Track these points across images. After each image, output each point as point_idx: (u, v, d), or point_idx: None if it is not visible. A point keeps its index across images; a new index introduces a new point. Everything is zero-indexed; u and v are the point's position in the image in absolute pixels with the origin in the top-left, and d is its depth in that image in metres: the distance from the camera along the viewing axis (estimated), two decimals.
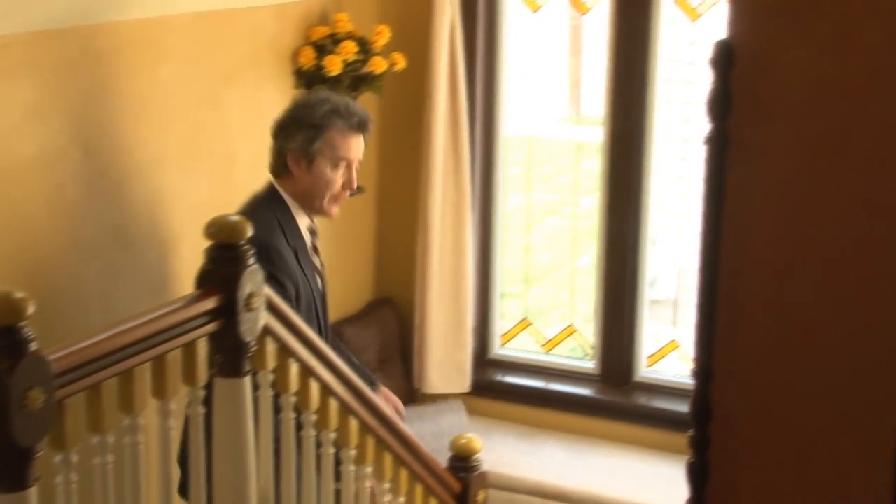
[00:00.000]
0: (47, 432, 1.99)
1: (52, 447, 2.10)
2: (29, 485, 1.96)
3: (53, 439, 2.08)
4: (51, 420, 1.99)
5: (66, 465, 2.14)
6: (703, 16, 4.85)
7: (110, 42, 3.76)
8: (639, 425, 5.06)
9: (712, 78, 2.04)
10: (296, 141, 3.64)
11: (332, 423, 3.02)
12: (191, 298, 2.43)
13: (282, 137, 3.68)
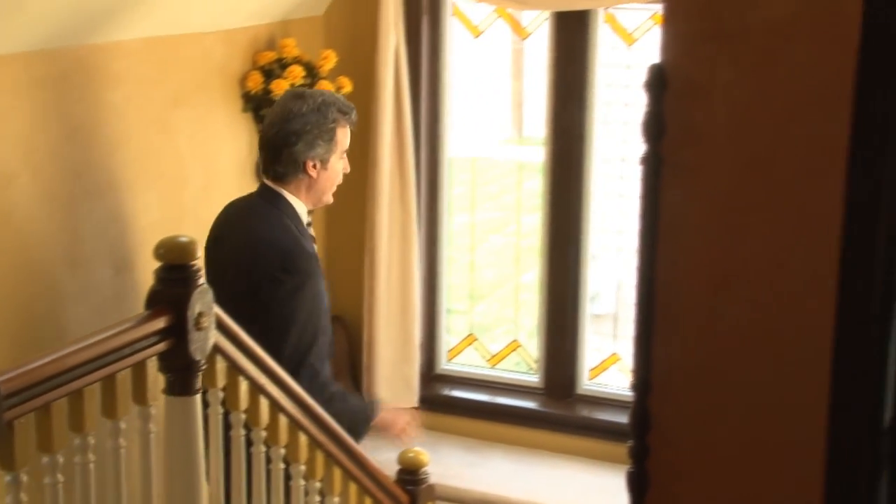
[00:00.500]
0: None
1: (2, 467, 2.08)
2: None
3: (2, 459, 2.07)
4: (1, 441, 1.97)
5: (16, 485, 2.12)
6: (638, 41, 4.88)
7: (59, 67, 3.74)
8: (581, 436, 5.07)
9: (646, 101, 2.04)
10: (318, 148, 3.65)
11: (281, 439, 3.01)
12: (140, 318, 2.43)
13: (301, 146, 3.62)
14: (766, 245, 1.99)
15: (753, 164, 1.96)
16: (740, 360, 2.07)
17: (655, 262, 2.09)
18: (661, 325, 2.11)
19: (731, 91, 1.94)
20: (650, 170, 2.06)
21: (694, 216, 2.05)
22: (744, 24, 1.91)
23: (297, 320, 3.57)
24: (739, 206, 1.99)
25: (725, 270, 2.04)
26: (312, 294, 3.63)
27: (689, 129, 2.01)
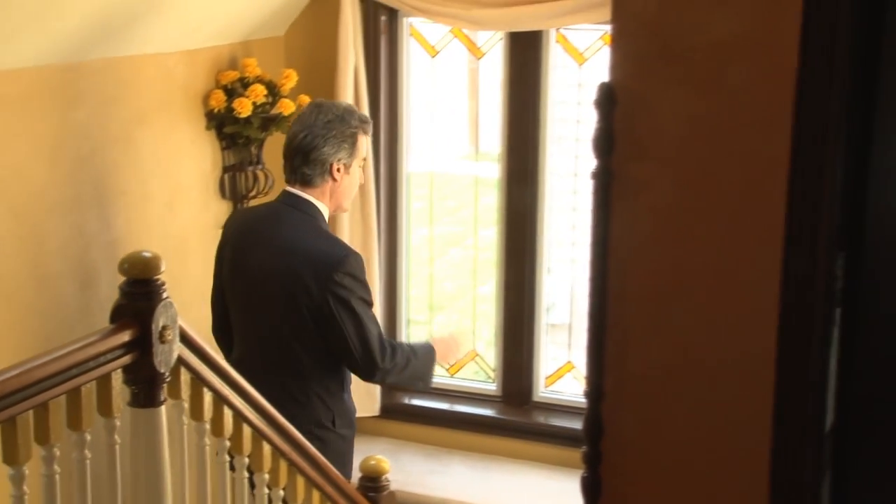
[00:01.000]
0: None
1: None
2: None
3: None
4: None
5: None
6: (588, 60, 4.91)
7: (23, 87, 3.72)
8: (538, 442, 5.08)
9: (597, 117, 2.05)
10: (343, 151, 3.75)
11: (245, 448, 3.00)
12: (105, 332, 2.42)
13: (328, 148, 3.73)
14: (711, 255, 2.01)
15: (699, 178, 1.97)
16: (688, 368, 2.09)
17: (606, 274, 2.10)
18: (613, 334, 2.12)
19: (677, 108, 1.96)
20: (601, 184, 2.07)
21: (642, 228, 2.06)
22: (688, 45, 1.93)
23: (366, 312, 3.72)
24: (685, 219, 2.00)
25: (673, 280, 2.05)
26: (363, 289, 3.74)
27: (638, 144, 2.02)
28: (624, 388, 2.13)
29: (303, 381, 3.76)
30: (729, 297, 2.00)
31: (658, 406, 2.13)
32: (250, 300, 3.82)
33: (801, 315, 1.97)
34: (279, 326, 3.71)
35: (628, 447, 2.16)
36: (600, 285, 2.11)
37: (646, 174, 2.02)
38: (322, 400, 3.79)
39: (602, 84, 2.03)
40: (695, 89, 1.95)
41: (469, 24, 4.88)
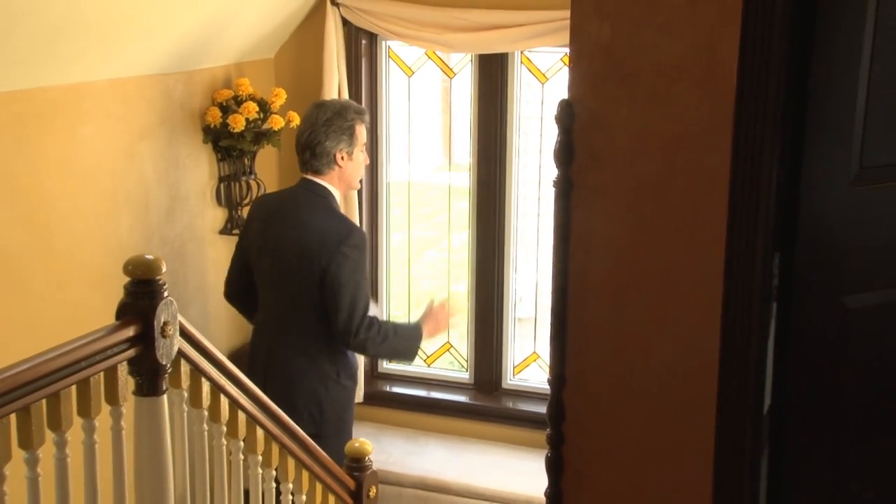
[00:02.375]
0: None
1: None
2: None
3: None
4: None
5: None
6: (550, 79, 4.92)
7: (34, 106, 3.70)
8: (507, 426, 5.08)
9: (557, 131, 2.06)
10: (343, 142, 3.99)
11: (241, 433, 3.00)
12: (112, 328, 2.40)
13: (329, 144, 3.97)
14: (660, 256, 2.02)
15: (649, 185, 1.98)
16: (640, 357, 2.10)
17: (567, 273, 2.11)
18: (573, 328, 2.13)
19: (629, 123, 1.97)
20: (561, 191, 2.08)
21: (599, 232, 2.07)
22: (638, 66, 1.94)
23: (361, 285, 3.97)
24: (637, 223, 2.01)
25: (626, 278, 2.06)
26: (364, 264, 4.01)
27: (594, 155, 2.03)
28: (583, 376, 2.14)
29: (312, 340, 4.01)
30: (677, 293, 2.02)
31: (614, 392, 2.14)
32: (271, 270, 4.06)
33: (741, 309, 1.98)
34: (293, 292, 3.98)
35: (587, 429, 2.17)
36: (562, 283, 2.12)
37: (601, 183, 2.03)
38: (328, 356, 4.02)
39: (562, 101, 2.04)
40: (643, 106, 1.96)
41: (442, 46, 4.89)
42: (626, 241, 2.04)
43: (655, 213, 2.00)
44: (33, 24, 3.41)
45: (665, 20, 1.91)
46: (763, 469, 2.13)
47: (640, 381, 2.11)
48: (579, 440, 2.18)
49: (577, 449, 2.18)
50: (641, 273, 2.04)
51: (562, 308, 2.13)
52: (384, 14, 4.83)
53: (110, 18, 3.75)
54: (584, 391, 2.16)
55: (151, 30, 4.05)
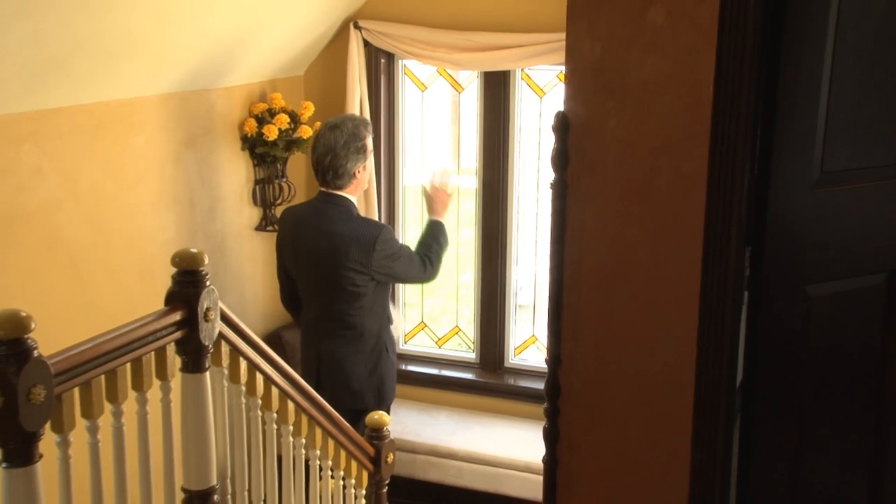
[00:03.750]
0: (48, 420, 1.96)
1: (53, 430, 2.07)
2: (35, 461, 1.94)
3: (53, 424, 2.06)
4: (50, 410, 1.96)
5: (64, 444, 2.11)
6: (547, 94, 4.92)
7: (94, 118, 3.72)
8: (508, 400, 5.09)
9: (554, 140, 2.06)
10: (360, 160, 4.00)
11: (274, 406, 3.00)
12: (161, 313, 2.41)
13: (351, 163, 3.98)
14: (646, 250, 2.01)
15: (635, 187, 1.98)
16: (626, 340, 2.09)
17: (562, 265, 2.10)
18: (568, 314, 2.12)
19: (617, 132, 1.96)
20: (557, 193, 2.07)
21: (590, 228, 2.06)
22: (626, 82, 1.93)
23: (407, 256, 4.10)
24: (624, 220, 2.01)
25: (615, 270, 2.06)
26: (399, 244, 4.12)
27: (586, 161, 2.02)
28: (576, 356, 2.14)
29: (359, 329, 4.05)
30: (660, 283, 2.01)
31: (604, 371, 2.13)
32: (309, 275, 4.09)
33: (716, 297, 1.97)
34: (335, 293, 4.00)
35: (580, 404, 2.16)
36: (558, 274, 2.11)
37: (593, 185, 2.02)
38: (374, 339, 4.10)
39: (558, 112, 2.04)
40: (630, 117, 1.95)
41: (452, 65, 4.89)
42: (614, 237, 2.03)
43: (641, 211, 1.99)
44: (94, 47, 3.43)
45: (649, 41, 1.91)
46: (735, 436, 2.13)
47: (626, 360, 2.10)
48: (573, 413, 2.17)
49: (570, 421, 2.17)
50: (628, 265, 2.03)
51: (558, 296, 2.12)
52: (401, 36, 4.84)
53: (159, 42, 3.77)
54: (577, 370, 2.15)
55: (195, 51, 4.06)
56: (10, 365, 1.85)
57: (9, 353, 1.86)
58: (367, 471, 3.63)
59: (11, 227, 3.39)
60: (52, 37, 3.21)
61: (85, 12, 3.24)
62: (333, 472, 3.42)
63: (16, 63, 3.18)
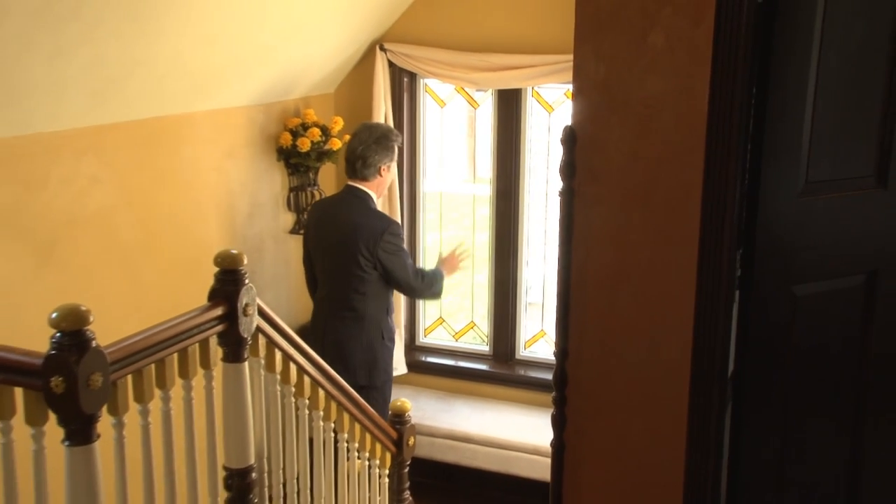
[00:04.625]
0: (104, 403, 1.98)
1: (109, 413, 2.08)
2: (93, 440, 1.95)
3: (109, 408, 2.07)
4: (107, 395, 1.97)
5: (119, 425, 2.12)
6: (555, 109, 4.92)
7: (147, 132, 3.74)
8: (519, 389, 5.08)
9: (562, 151, 2.06)
10: (387, 158, 4.12)
11: (306, 393, 3.01)
12: (204, 308, 2.41)
13: (379, 157, 4.09)
14: (646, 252, 2.02)
15: (636, 195, 1.98)
16: (628, 334, 2.09)
17: (570, 266, 2.11)
18: (574, 310, 2.13)
19: (620, 145, 1.97)
20: (565, 200, 2.07)
21: (595, 232, 2.06)
22: (628, 99, 1.94)
23: (405, 258, 4.12)
24: (626, 225, 2.01)
25: (617, 270, 2.06)
26: (402, 244, 4.14)
27: (592, 171, 2.02)
28: (582, 349, 2.14)
29: (360, 312, 4.10)
30: (659, 282, 2.01)
31: (607, 362, 2.13)
32: (325, 259, 4.18)
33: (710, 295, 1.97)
34: (343, 276, 4.09)
35: (585, 393, 2.16)
36: (566, 274, 2.11)
37: (598, 193, 2.02)
38: (375, 324, 4.14)
39: (566, 127, 2.04)
40: (632, 131, 1.95)
41: (468, 83, 4.89)
42: (617, 240, 2.03)
43: (641, 217, 1.99)
44: (148, 69, 3.45)
45: (650, 62, 1.91)
46: (727, 420, 2.13)
47: (628, 353, 2.10)
48: (578, 401, 2.17)
49: (576, 408, 2.17)
50: (630, 266, 2.03)
51: (565, 295, 2.13)
52: (422, 58, 4.84)
53: (206, 64, 3.79)
54: (583, 362, 2.15)
55: (237, 72, 4.08)
56: (72, 354, 1.86)
57: (70, 343, 1.87)
58: (391, 452, 3.63)
59: (72, 230, 3.41)
60: (112, 60, 3.23)
61: (141, 38, 3.26)
62: (360, 454, 3.42)
63: (80, 83, 3.21)
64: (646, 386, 2.09)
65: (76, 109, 3.31)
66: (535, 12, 4.64)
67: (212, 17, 3.56)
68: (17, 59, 2.87)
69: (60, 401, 1.88)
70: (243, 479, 2.59)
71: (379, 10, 4.73)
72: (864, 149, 2.14)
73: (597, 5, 1.93)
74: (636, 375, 2.10)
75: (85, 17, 2.96)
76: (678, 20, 1.86)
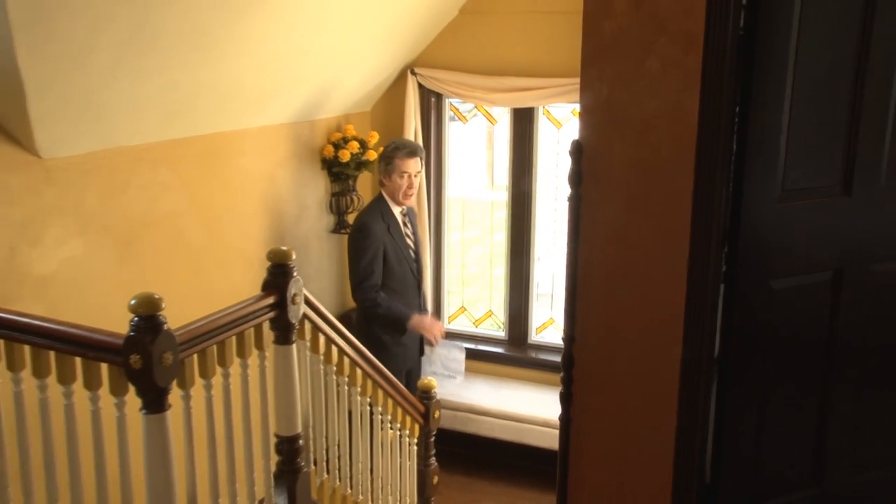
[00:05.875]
0: (174, 378, 2.00)
1: (178, 386, 2.10)
2: (165, 409, 1.98)
3: (178, 382, 2.09)
4: (176, 371, 1.99)
5: (186, 397, 2.15)
6: (564, 125, 4.91)
7: (210, 145, 3.77)
8: (531, 370, 5.06)
9: (570, 162, 2.06)
10: (381, 169, 4.15)
11: (346, 372, 3.03)
12: (258, 297, 2.42)
13: (380, 167, 4.16)
14: (643, 250, 2.02)
15: (635, 200, 1.98)
16: (627, 323, 2.09)
17: (576, 261, 2.11)
18: (580, 300, 2.13)
19: (621, 156, 1.97)
20: (573, 204, 2.08)
21: (599, 233, 2.06)
22: (627, 116, 1.94)
23: (359, 260, 4.03)
24: (626, 227, 2.01)
25: (619, 266, 2.06)
26: (372, 250, 4.01)
27: (596, 178, 2.03)
28: (587, 335, 2.14)
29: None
30: (655, 277, 2.01)
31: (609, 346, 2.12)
32: None
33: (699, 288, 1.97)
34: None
35: (590, 373, 2.16)
36: (573, 269, 2.12)
37: (601, 198, 2.02)
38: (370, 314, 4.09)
39: (574, 140, 2.05)
40: (631, 144, 1.95)
41: (487, 102, 4.89)
42: (618, 239, 2.03)
43: (639, 219, 1.99)
44: (212, 91, 3.48)
45: (647, 84, 1.91)
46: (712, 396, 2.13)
47: (627, 339, 2.10)
48: (584, 381, 2.16)
49: (582, 387, 2.17)
50: (629, 262, 2.03)
51: (573, 287, 2.13)
52: (448, 80, 4.86)
53: (261, 86, 3.81)
54: (588, 346, 2.15)
55: (288, 93, 4.10)
56: (147, 335, 1.89)
57: (146, 326, 1.90)
58: (419, 424, 3.64)
59: (146, 230, 3.45)
60: (182, 84, 3.27)
61: (206, 66, 3.30)
62: (392, 424, 3.43)
63: (156, 105, 3.25)
64: (642, 367, 2.09)
65: (152, 127, 3.35)
66: (546, 41, 4.64)
67: (265, 47, 3.58)
68: (105, 85, 2.92)
69: (138, 375, 1.91)
70: (292, 445, 2.60)
71: (410, 39, 4.74)
72: (832, 162, 2.13)
73: (600, 35, 1.93)
74: (634, 358, 2.10)
75: (160, 49, 3.00)
76: (671, 48, 1.87)
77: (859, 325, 2.25)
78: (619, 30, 1.90)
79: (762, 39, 1.93)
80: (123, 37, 2.80)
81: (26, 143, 2.88)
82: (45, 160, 2.99)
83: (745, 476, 2.24)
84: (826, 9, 2.00)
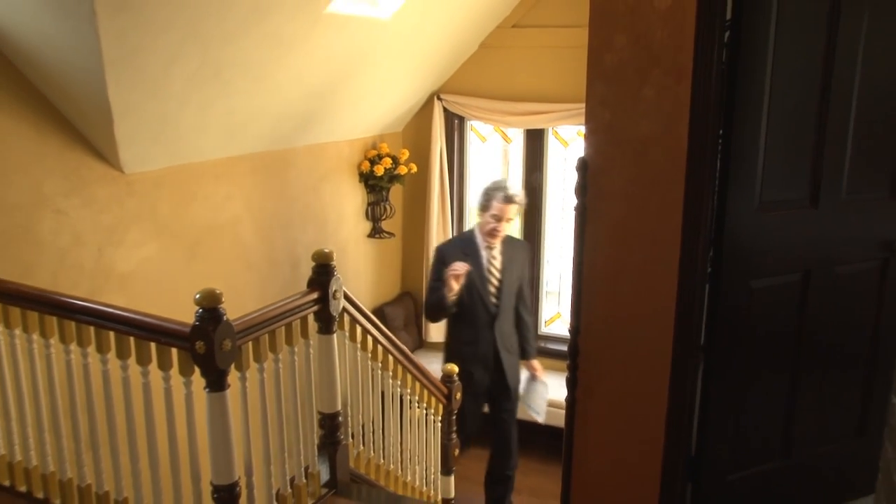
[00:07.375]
0: (233, 362, 2.02)
1: (236, 369, 2.12)
2: (225, 388, 2.01)
3: (236, 365, 2.10)
4: (234, 356, 2.01)
5: (243, 378, 2.16)
6: (570, 144, 4.91)
7: (264, 161, 3.80)
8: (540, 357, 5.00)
9: (577, 177, 2.06)
10: (480, 200, 3.69)
11: (379, 358, 3.03)
12: (304, 293, 2.42)
13: (480, 199, 3.69)
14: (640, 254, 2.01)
15: (634, 210, 1.97)
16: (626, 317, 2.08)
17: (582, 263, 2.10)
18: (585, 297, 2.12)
19: (622, 172, 1.96)
20: (579, 213, 2.07)
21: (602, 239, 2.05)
22: (627, 137, 1.94)
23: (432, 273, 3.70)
24: (626, 233, 2.00)
25: (619, 267, 2.05)
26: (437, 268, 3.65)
27: (600, 191, 2.02)
28: (590, 327, 2.12)
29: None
30: (650, 276, 2.00)
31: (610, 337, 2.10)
32: None
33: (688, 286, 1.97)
34: None
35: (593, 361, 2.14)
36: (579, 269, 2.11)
37: (604, 208, 2.01)
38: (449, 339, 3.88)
39: (580, 158, 2.04)
40: (630, 161, 1.95)
41: (504, 124, 4.90)
42: (618, 245, 2.02)
43: (637, 226, 1.98)
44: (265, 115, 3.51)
45: (643, 109, 1.91)
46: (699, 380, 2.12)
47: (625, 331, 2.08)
48: (588, 367, 2.15)
49: (586, 373, 2.15)
50: (628, 264, 2.02)
51: (578, 285, 2.11)
52: (469, 105, 4.87)
53: (306, 111, 3.84)
54: (591, 337, 2.13)
55: (330, 116, 4.12)
56: (210, 325, 1.92)
57: (209, 317, 1.93)
58: (442, 404, 3.64)
59: (209, 234, 3.49)
60: (240, 109, 3.31)
61: (261, 93, 3.33)
62: (419, 404, 3.43)
63: (218, 127, 3.29)
64: (639, 355, 2.08)
65: (215, 145, 3.39)
66: (555, 71, 4.64)
67: (312, 76, 3.62)
68: (177, 111, 2.97)
69: (202, 359, 1.94)
70: (333, 421, 2.62)
71: (436, 69, 4.77)
72: (801, 178, 2.14)
73: (602, 66, 1.93)
74: (632, 347, 2.09)
75: (222, 80, 3.05)
76: (665, 78, 1.87)
77: (824, 319, 2.24)
78: (619, 62, 1.91)
79: (742, 74, 1.94)
80: (192, 70, 2.85)
81: (112, 161, 2.94)
82: (127, 175, 3.04)
83: (726, 449, 2.24)
84: (796, 48, 2.00)
